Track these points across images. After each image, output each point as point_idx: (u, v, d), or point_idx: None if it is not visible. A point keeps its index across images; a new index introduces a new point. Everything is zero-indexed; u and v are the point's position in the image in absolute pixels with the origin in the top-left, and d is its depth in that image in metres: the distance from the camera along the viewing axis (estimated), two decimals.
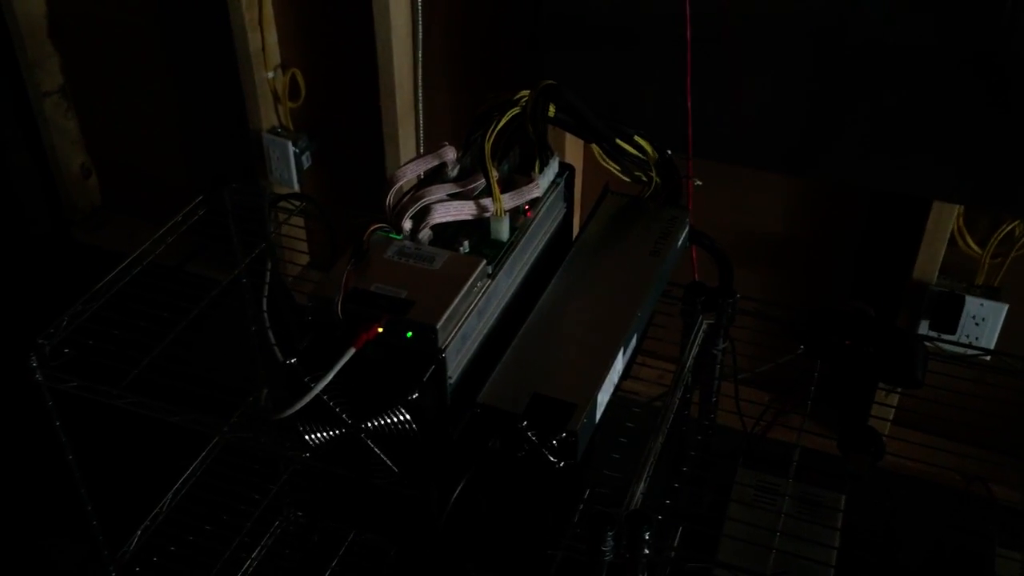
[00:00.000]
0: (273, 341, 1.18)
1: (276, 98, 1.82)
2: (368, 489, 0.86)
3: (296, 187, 1.86)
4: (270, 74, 1.78)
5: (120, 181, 2.21)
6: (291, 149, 1.81)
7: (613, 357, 0.82)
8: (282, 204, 1.19)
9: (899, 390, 1.29)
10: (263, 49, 1.75)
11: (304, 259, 1.95)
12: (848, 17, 1.30)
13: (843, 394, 1.17)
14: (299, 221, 1.59)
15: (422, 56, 1.65)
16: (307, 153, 1.84)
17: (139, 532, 1.16)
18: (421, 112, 1.71)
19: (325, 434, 0.80)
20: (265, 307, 1.18)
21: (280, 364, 0.78)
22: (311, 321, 0.79)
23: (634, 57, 1.46)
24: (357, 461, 0.82)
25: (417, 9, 1.60)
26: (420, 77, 1.67)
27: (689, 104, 1.34)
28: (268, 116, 1.83)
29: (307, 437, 0.80)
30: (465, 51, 1.65)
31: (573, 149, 1.52)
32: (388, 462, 0.79)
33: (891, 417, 1.52)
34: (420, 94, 1.69)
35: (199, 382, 1.04)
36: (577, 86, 1.55)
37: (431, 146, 0.90)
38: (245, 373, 1.16)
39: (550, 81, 0.89)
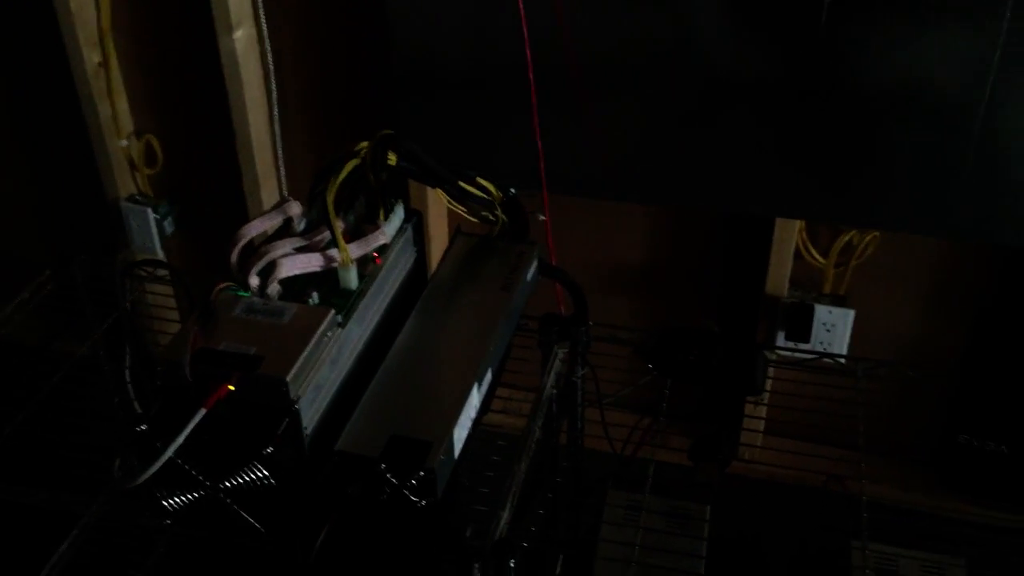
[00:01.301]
0: (139, 410, 1.16)
1: (132, 165, 1.79)
2: (242, 550, 0.85)
3: (160, 254, 1.83)
4: (123, 142, 1.76)
5: None
6: (151, 216, 1.79)
7: (467, 392, 0.84)
8: (137, 271, 1.17)
9: (757, 400, 1.35)
10: (114, 117, 1.73)
11: (175, 327, 1.91)
12: (684, 54, 1.37)
13: (693, 407, 1.21)
14: (167, 289, 1.57)
15: (279, 114, 1.66)
16: (169, 218, 1.82)
17: None
18: (283, 170, 1.71)
19: (185, 498, 0.80)
20: (128, 378, 1.16)
21: (130, 432, 0.77)
22: (161, 386, 0.79)
23: (486, 101, 1.50)
24: (221, 522, 0.82)
25: (269, 68, 1.61)
26: (278, 135, 1.67)
27: (539, 144, 1.38)
28: (125, 184, 1.80)
29: (166, 503, 0.80)
30: (322, 106, 1.67)
31: (432, 195, 1.55)
32: (250, 520, 0.79)
33: (762, 428, 1.58)
34: (280, 152, 1.69)
35: (60, 460, 1.01)
36: (435, 133, 1.59)
37: (276, 202, 0.92)
38: (108, 447, 1.13)
39: (388, 131, 0.91)
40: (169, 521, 0.81)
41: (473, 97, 1.50)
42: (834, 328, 1.52)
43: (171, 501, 0.80)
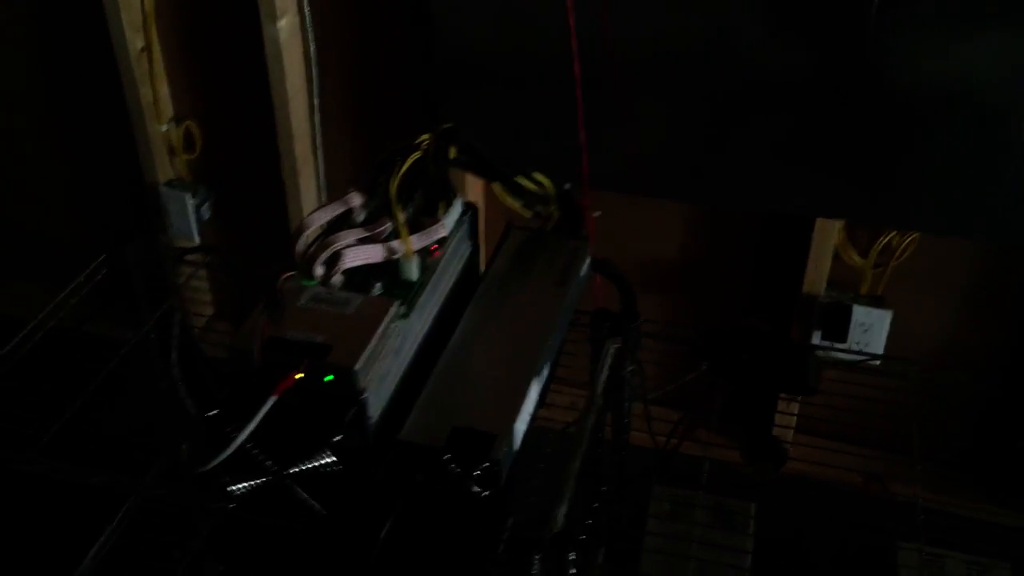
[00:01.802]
0: (185, 395, 1.17)
1: (171, 151, 1.80)
2: (292, 537, 0.86)
3: (196, 239, 1.84)
4: (164, 127, 1.77)
5: (5, 242, 2.16)
6: (189, 201, 1.80)
7: (527, 386, 0.85)
8: (188, 258, 1.18)
9: (798, 399, 1.36)
10: (155, 102, 1.74)
11: (208, 310, 1.93)
12: (727, 53, 1.38)
13: (745, 407, 1.22)
14: (202, 273, 1.59)
15: (319, 103, 1.66)
16: (206, 204, 1.84)
17: None
18: (321, 158, 1.72)
19: (249, 484, 0.81)
20: (175, 361, 1.17)
21: (199, 417, 0.78)
22: (229, 373, 0.80)
23: (528, 96, 1.50)
24: (282, 508, 0.83)
25: (311, 56, 1.62)
26: (318, 123, 1.68)
27: (583, 139, 1.39)
28: (164, 169, 1.82)
29: (231, 488, 0.81)
30: (361, 96, 1.68)
31: (474, 188, 1.56)
32: (315, 505, 0.80)
33: (794, 425, 1.59)
34: (319, 140, 1.70)
35: (112, 443, 1.03)
36: (475, 126, 1.60)
37: (337, 193, 0.92)
38: (156, 431, 1.15)
39: (449, 124, 0.92)
40: (232, 505, 0.82)
41: (514, 90, 1.51)
42: (871, 329, 1.52)
43: (236, 487, 0.81)
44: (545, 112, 1.50)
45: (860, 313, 1.52)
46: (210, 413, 0.78)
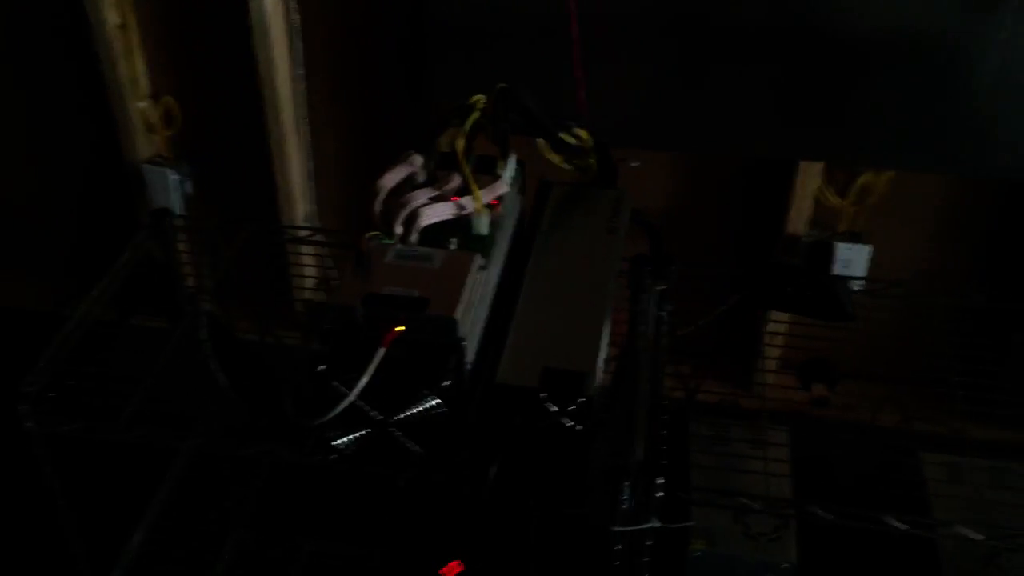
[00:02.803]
0: (215, 366, 1.19)
1: (150, 128, 1.79)
2: (395, 485, 0.90)
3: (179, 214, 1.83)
4: (142, 104, 1.76)
5: None
6: (172, 177, 1.79)
7: (602, 326, 0.90)
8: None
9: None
10: (133, 79, 1.73)
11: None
12: (703, 4, 1.43)
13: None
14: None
15: (303, 73, 1.67)
16: (188, 180, 1.83)
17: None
18: (306, 129, 1.73)
19: (356, 435, 0.85)
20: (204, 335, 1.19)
21: (307, 372, 0.81)
22: (329, 330, 0.83)
23: (517, 56, 1.54)
24: (381, 457, 0.87)
25: (294, 27, 1.62)
26: (303, 94, 1.69)
27: (582, 95, 1.43)
28: (143, 146, 1.80)
29: (339, 442, 0.85)
30: (344, 65, 1.69)
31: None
32: (419, 451, 0.85)
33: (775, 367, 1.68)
34: (304, 111, 1.71)
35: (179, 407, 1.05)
36: (464, 91, 1.63)
37: (400, 156, 0.96)
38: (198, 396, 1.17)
39: (504, 84, 0.96)
40: (335, 458, 0.86)
41: (505, 50, 1.54)
42: (851, 264, 1.61)
43: (344, 439, 0.85)
44: (535, 72, 1.54)
45: (842, 250, 1.61)
46: (319, 368, 0.81)
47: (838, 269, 1.62)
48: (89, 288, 1.26)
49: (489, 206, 0.96)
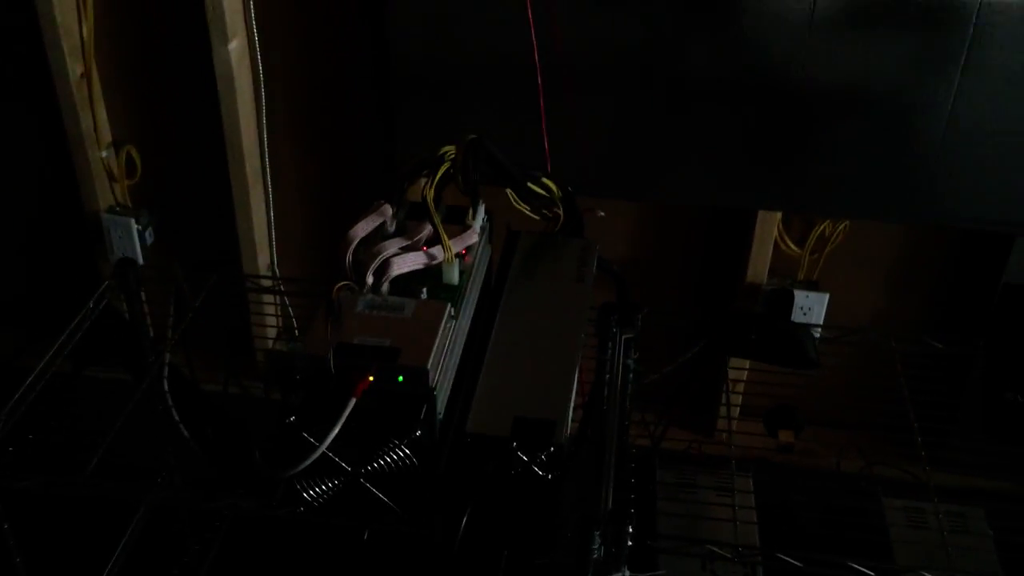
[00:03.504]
0: (178, 419, 1.18)
1: (111, 176, 1.78)
2: (366, 537, 0.89)
3: (140, 263, 1.82)
4: (103, 153, 1.75)
5: None
6: (135, 226, 1.78)
7: (573, 375, 0.91)
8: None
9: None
10: (95, 128, 1.72)
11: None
12: (664, 57, 1.47)
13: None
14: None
15: (267, 122, 1.68)
16: (149, 229, 1.82)
17: None
18: (269, 177, 1.73)
19: (323, 486, 0.84)
20: (167, 387, 1.18)
21: (276, 423, 0.81)
22: (299, 380, 0.83)
23: (482, 106, 1.56)
24: (350, 509, 0.86)
25: (260, 78, 1.63)
26: (266, 143, 1.69)
27: (546, 143, 1.46)
28: (104, 195, 1.79)
29: (307, 493, 0.84)
30: (309, 112, 1.70)
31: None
32: (389, 503, 0.84)
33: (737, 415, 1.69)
34: (267, 160, 1.71)
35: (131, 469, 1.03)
36: (431, 137, 1.64)
37: (371, 206, 0.96)
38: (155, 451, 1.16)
39: (473, 136, 0.97)
40: (304, 510, 0.85)
41: (470, 102, 1.56)
42: (811, 311, 1.64)
43: (311, 491, 0.84)
44: (500, 120, 1.56)
45: (800, 298, 1.64)
46: (288, 419, 0.81)
47: (797, 316, 1.65)
48: (41, 339, 1.25)
49: (459, 256, 0.96)
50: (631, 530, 0.87)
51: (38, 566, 1.05)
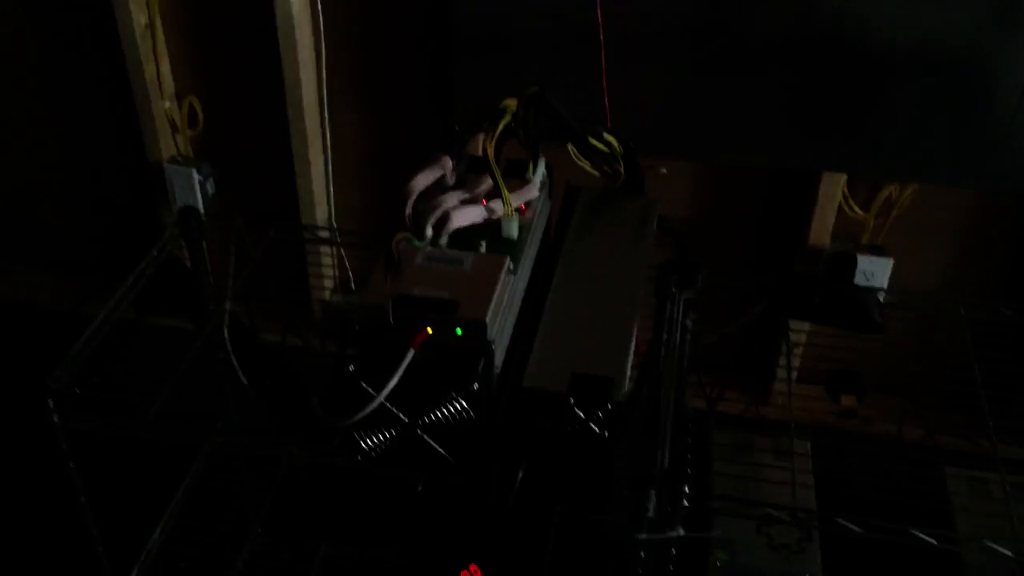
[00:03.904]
0: (237, 367, 1.19)
1: (174, 127, 1.80)
2: (420, 489, 0.90)
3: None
4: (167, 103, 1.76)
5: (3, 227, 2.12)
6: (196, 177, 1.80)
7: (631, 332, 0.90)
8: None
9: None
10: (158, 79, 1.73)
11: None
12: (729, 14, 1.43)
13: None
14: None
15: (327, 75, 1.68)
16: (210, 180, 1.83)
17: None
18: (328, 130, 1.73)
19: (380, 437, 0.84)
20: (227, 336, 1.19)
21: (334, 372, 0.81)
22: (358, 331, 0.83)
23: (541, 62, 1.54)
24: (406, 460, 0.87)
25: (320, 29, 1.63)
26: (326, 96, 1.69)
27: (607, 102, 1.43)
28: (167, 146, 1.81)
29: (364, 442, 0.84)
30: (368, 67, 1.69)
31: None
32: (445, 455, 0.84)
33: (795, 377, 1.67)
34: (327, 113, 1.71)
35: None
36: (488, 93, 1.63)
37: (430, 158, 0.96)
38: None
39: (535, 89, 0.96)
40: (360, 459, 0.85)
41: (530, 56, 1.54)
42: (873, 276, 1.61)
43: (368, 441, 0.85)
44: (559, 75, 1.54)
45: (864, 262, 1.60)
46: (348, 368, 0.81)
47: (860, 281, 1.61)
48: (107, 286, 1.27)
49: (519, 210, 0.96)
50: (687, 490, 0.86)
51: (101, 507, 1.07)
